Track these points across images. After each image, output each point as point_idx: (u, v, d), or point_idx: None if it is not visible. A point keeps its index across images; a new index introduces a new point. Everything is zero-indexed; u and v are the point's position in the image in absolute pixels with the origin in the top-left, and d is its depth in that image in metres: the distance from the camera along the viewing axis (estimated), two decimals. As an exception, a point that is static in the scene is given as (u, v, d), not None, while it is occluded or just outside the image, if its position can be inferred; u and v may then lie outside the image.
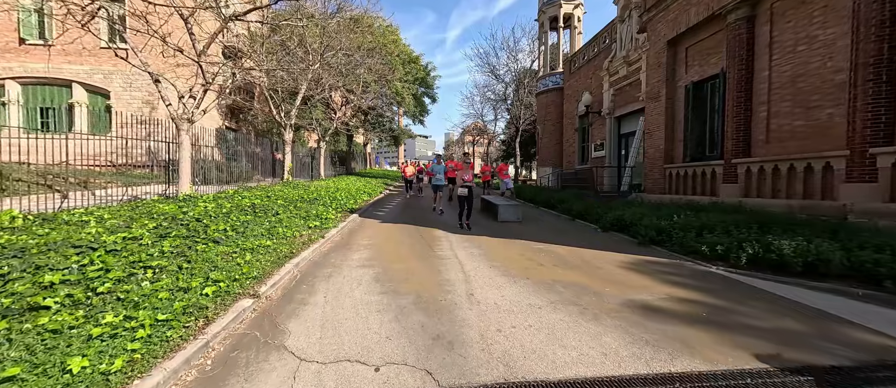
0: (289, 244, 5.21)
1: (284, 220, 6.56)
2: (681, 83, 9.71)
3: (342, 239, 6.40)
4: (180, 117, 8.20)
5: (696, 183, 8.88)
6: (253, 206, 7.14)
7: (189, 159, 8.50)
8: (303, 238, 5.78)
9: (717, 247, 4.74)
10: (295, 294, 3.64)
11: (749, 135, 7.64)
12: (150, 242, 4.14)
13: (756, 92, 7.55)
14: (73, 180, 11.19)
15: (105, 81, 16.40)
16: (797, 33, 6.78)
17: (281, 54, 13.62)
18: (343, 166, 25.26)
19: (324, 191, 12.19)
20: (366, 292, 3.71)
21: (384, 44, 20.93)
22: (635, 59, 11.35)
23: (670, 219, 6.26)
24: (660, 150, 10.13)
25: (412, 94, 24.70)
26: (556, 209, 10.37)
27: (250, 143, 16.91)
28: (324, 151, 19.55)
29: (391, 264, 4.75)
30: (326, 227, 6.80)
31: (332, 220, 7.65)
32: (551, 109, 19.00)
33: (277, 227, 5.93)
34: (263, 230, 5.60)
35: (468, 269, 4.57)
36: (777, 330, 2.92)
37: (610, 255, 5.38)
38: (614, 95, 12.90)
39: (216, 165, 13.52)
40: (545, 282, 4.07)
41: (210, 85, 8.39)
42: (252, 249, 4.66)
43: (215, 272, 3.61)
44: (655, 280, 4.18)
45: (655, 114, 10.32)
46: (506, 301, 3.48)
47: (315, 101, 16.92)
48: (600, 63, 13.74)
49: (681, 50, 9.71)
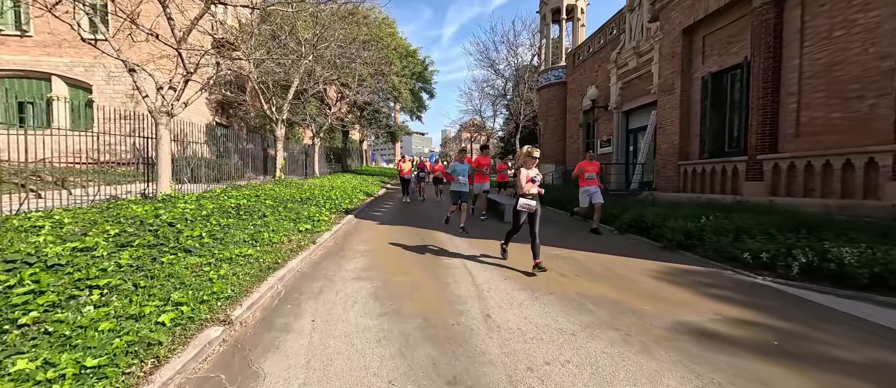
0: (275, 252, 4.58)
1: (272, 223, 5.92)
2: (697, 75, 9.14)
3: (336, 244, 5.77)
4: (158, 110, 7.52)
5: (714, 181, 8.33)
6: (237, 207, 6.49)
7: (169, 156, 7.83)
8: (291, 244, 5.16)
9: (761, 254, 4.18)
10: (276, 318, 3.02)
11: (776, 129, 7.09)
12: (106, 253, 3.50)
13: (784, 82, 6.99)
14: (51, 179, 10.47)
15: (86, 75, 15.60)
16: (833, 18, 6.21)
17: (272, 45, 12.90)
18: (339, 164, 24.56)
19: (317, 190, 11.54)
20: (362, 314, 3.10)
21: (380, 37, 20.22)
22: (646, 51, 10.77)
23: (697, 220, 5.69)
24: (673, 145, 9.57)
25: (409, 89, 24.02)
26: (565, 209, 9.78)
27: (242, 139, 16.19)
28: (318, 148, 18.85)
29: (391, 276, 4.14)
30: (319, 230, 6.17)
31: (326, 222, 7.03)
32: (553, 104, 18.40)
33: (263, 231, 5.30)
34: (246, 236, 4.97)
35: (480, 281, 3.98)
36: (876, 366, 2.35)
37: (635, 262, 4.80)
38: (622, 88, 12.32)
39: (206, 162, 12.84)
40: (571, 298, 3.48)
41: (191, 75, 7.71)
42: (230, 259, 4.03)
43: (179, 292, 2.99)
44: (697, 294, 3.61)
45: (669, 107, 9.75)
46: (531, 325, 2.89)
47: (309, 96, 16.21)
48: (607, 55, 13.15)
49: (697, 39, 9.13)
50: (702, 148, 8.96)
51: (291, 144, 20.23)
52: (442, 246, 5.70)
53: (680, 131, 9.38)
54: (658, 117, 10.20)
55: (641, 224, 6.36)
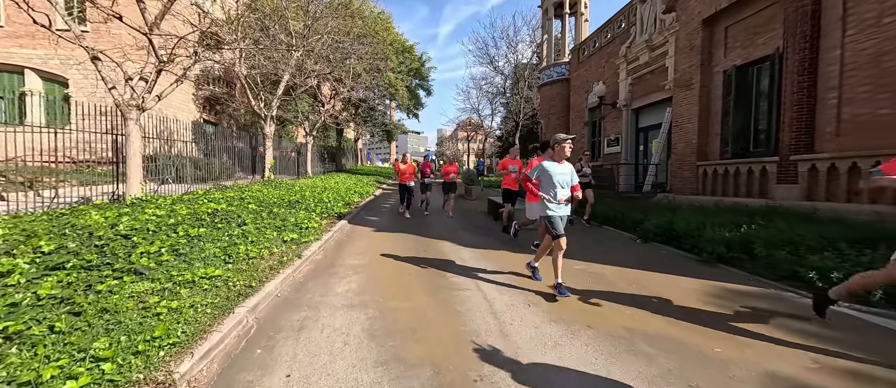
0: (250, 272, 3.82)
1: (252, 233, 5.15)
2: (718, 68, 8.50)
3: (326, 258, 5.01)
4: (127, 104, 6.71)
5: (738, 182, 7.69)
6: (213, 213, 5.71)
7: (139, 155, 7.02)
8: (272, 259, 4.40)
9: (831, 274, 3.50)
10: (239, 372, 2.27)
11: (812, 127, 6.45)
12: (25, 280, 2.73)
13: (823, 76, 6.35)
14: (21, 179, 9.59)
15: (62, 68, 14.64)
16: (882, 2, 5.57)
17: (260, 35, 12.07)
18: (332, 163, 23.73)
19: (308, 191, 10.76)
20: (354, 363, 2.36)
21: (376, 31, 19.42)
22: (660, 44, 10.12)
23: (736, 229, 5.03)
24: (691, 145, 8.93)
25: (406, 86, 23.25)
26: (577, 212, 9.10)
27: (232, 137, 15.34)
28: (310, 146, 18.02)
29: (390, 302, 3.41)
30: (306, 240, 5.41)
31: (315, 230, 6.27)
32: (556, 101, 17.75)
33: (239, 245, 4.53)
34: (219, 250, 4.20)
35: (499, 308, 3.26)
36: None
37: (675, 280, 4.11)
38: (632, 84, 11.67)
39: (192, 161, 12.01)
40: (618, 335, 2.77)
41: (165, 65, 6.90)
42: (192, 283, 3.27)
43: (108, 337, 2.23)
44: (773, 328, 2.92)
45: (686, 104, 9.11)
46: (576, 381, 2.18)
47: (300, 92, 15.38)
48: (615, 50, 12.49)
49: (718, 30, 8.49)
50: (723, 147, 8.33)
51: (283, 142, 19.40)
52: (447, 258, 4.98)
53: (699, 130, 8.74)
54: (674, 115, 9.56)
55: (670, 232, 5.68)
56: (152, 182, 9.30)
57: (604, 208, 8.21)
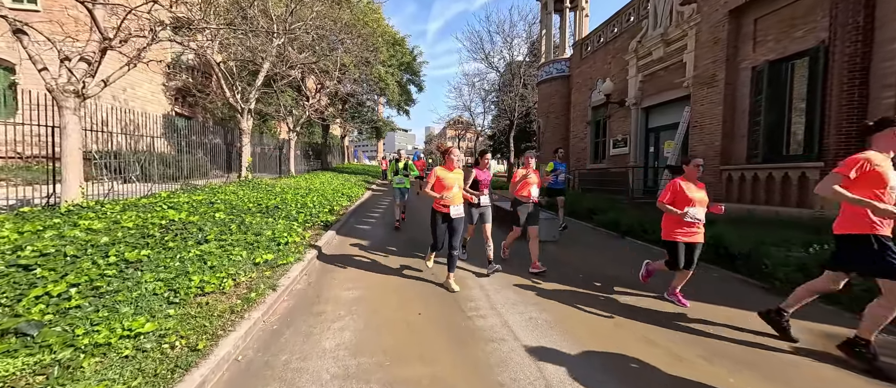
0: (201, 320, 2.75)
1: (213, 253, 4.05)
2: (746, 64, 7.78)
3: (309, 288, 3.95)
4: (62, 89, 5.46)
5: (770, 190, 6.98)
6: (167, 226, 4.59)
7: (79, 152, 5.78)
8: (236, 293, 3.34)
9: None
10: None
11: (865, 129, 5.76)
12: None
13: (876, 72, 5.65)
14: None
15: (9, 52, 12.95)
16: (956, -12, 4.88)
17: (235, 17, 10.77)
18: (318, 161, 22.41)
19: (290, 194, 9.61)
20: None
21: (365, 22, 18.21)
22: (677, 37, 9.37)
23: (803, 249, 4.24)
24: (713, 147, 8.21)
25: (397, 80, 22.09)
26: (591, 220, 8.26)
27: (209, 132, 13.95)
28: (293, 143, 16.74)
29: (402, 367, 2.42)
30: (285, 261, 4.34)
31: (297, 245, 5.20)
32: (555, 99, 16.96)
33: (193, 273, 3.44)
34: (160, 285, 3.11)
35: (550, 373, 2.32)
36: None
37: (753, 320, 3.25)
38: (643, 81, 10.93)
39: (161, 158, 10.68)
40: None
41: (110, 43, 5.68)
42: (106, 345, 2.20)
43: None
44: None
45: (708, 103, 8.38)
46: None
47: (282, 84, 14.10)
48: (624, 45, 11.73)
49: (747, 23, 7.77)
50: (751, 150, 7.62)
51: (265, 138, 18.05)
52: (465, 286, 4.00)
53: (723, 131, 8.01)
54: (693, 114, 8.83)
55: (718, 249, 4.85)
56: (114, 182, 8.12)
57: (623, 216, 7.39)
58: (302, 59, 13.03)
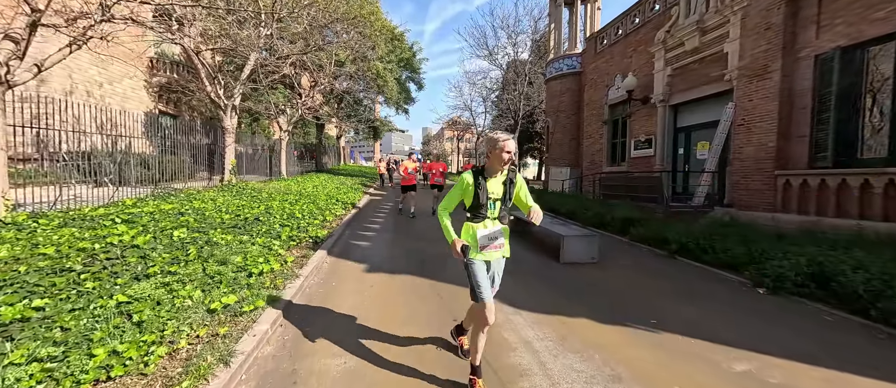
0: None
1: (151, 297, 2.86)
2: (805, 52, 6.71)
3: (279, 356, 2.68)
4: (-27, 73, 4.27)
5: (845, 200, 5.90)
6: (95, 254, 3.40)
7: (3, 153, 4.58)
8: (164, 377, 2.17)
9: None
10: None
11: (981, 127, 4.70)
12: None
13: None
14: None
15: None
16: None
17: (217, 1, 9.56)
18: (312, 162, 21.19)
19: (278, 200, 8.42)
20: None
21: (362, 15, 17.04)
22: (717, 25, 8.29)
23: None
24: (766, 149, 7.13)
25: (396, 78, 20.92)
26: (627, 234, 7.13)
27: (195, 131, 12.71)
28: (285, 143, 15.53)
29: None
30: (251, 307, 3.13)
31: (275, 275, 4.02)
32: (566, 97, 15.88)
33: (96, 344, 2.25)
34: (39, 370, 1.93)
35: None
36: None
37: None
38: (672, 75, 9.85)
39: (142, 159, 9.52)
40: None
41: (39, 16, 4.49)
42: None
43: None
44: None
45: (758, 98, 7.29)
46: None
47: (272, 80, 12.89)
48: (648, 36, 10.66)
49: (807, 5, 6.70)
50: (815, 153, 6.55)
51: (257, 138, 16.83)
52: (499, 338, 2.85)
53: (778, 130, 6.93)
54: (738, 111, 7.74)
55: (821, 278, 3.74)
56: (85, 185, 7.09)
57: (667, 230, 6.26)
58: (293, 50, 11.84)
